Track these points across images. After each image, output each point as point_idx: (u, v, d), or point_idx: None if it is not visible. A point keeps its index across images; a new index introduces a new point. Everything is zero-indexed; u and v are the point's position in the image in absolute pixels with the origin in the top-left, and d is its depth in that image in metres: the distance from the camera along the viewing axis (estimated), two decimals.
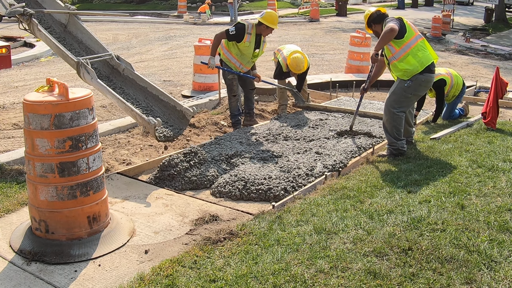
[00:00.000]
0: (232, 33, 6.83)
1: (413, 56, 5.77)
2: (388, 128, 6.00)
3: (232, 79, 7.28)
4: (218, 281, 3.29)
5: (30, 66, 12.83)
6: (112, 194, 4.81)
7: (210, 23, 24.66)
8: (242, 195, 4.92)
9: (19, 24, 5.89)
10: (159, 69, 12.52)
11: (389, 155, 5.98)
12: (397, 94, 5.95)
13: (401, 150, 5.96)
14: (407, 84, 5.85)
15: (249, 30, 6.90)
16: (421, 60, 5.80)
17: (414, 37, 5.81)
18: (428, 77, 5.90)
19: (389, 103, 5.97)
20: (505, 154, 5.76)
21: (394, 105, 5.92)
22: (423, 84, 5.90)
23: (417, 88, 5.91)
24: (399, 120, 5.95)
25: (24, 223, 4.14)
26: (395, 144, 5.94)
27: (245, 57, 7.15)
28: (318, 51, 16.30)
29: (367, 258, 3.54)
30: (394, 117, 5.93)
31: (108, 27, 21.77)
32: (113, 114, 8.27)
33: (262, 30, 6.95)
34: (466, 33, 21.49)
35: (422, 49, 5.85)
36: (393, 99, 5.96)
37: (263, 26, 6.90)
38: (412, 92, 5.92)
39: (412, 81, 5.83)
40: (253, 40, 6.98)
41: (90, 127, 3.73)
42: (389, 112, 5.95)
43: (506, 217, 4.09)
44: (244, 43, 6.96)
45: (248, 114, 7.68)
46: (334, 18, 30.06)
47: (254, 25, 6.95)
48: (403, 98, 5.94)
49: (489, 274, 3.32)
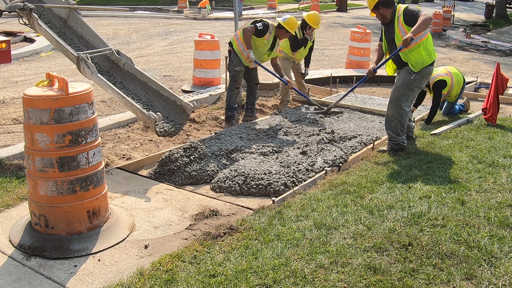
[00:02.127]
0: (260, 28, 7.03)
1: (424, 48, 5.79)
2: (392, 124, 5.94)
3: (239, 71, 7.28)
4: (218, 276, 3.29)
5: (30, 61, 12.81)
6: (112, 189, 4.81)
7: (210, 18, 24.63)
8: (242, 190, 4.92)
9: (19, 18, 5.87)
10: (159, 64, 12.50)
11: (390, 150, 5.95)
12: (404, 88, 5.91)
13: (401, 145, 5.92)
14: (414, 77, 5.85)
15: (270, 30, 7.12)
16: (430, 53, 5.85)
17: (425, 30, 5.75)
18: (430, 69, 5.96)
19: (398, 98, 5.90)
20: (505, 150, 5.76)
21: (402, 99, 5.88)
22: (426, 76, 5.94)
23: (421, 80, 5.94)
24: (406, 116, 5.94)
25: (23, 218, 4.14)
26: (396, 139, 5.91)
27: (257, 53, 7.23)
28: (318, 46, 16.25)
29: (367, 253, 3.53)
30: (401, 112, 5.90)
31: (108, 22, 21.74)
32: (113, 109, 8.25)
33: (280, 33, 7.18)
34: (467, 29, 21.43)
35: (430, 43, 5.90)
36: (402, 92, 5.90)
37: (283, 30, 7.12)
38: (417, 85, 5.93)
39: (418, 74, 5.84)
40: (270, 40, 7.19)
41: (90, 121, 3.72)
42: (397, 107, 5.90)
43: (507, 213, 4.09)
44: (263, 40, 7.11)
45: (249, 109, 7.66)
46: (334, 13, 29.98)
47: (274, 27, 7.15)
48: (410, 91, 5.92)
49: (490, 270, 3.31)
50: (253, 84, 7.57)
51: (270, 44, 7.21)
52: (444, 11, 24.15)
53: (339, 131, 6.64)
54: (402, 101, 5.88)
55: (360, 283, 3.19)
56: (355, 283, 3.19)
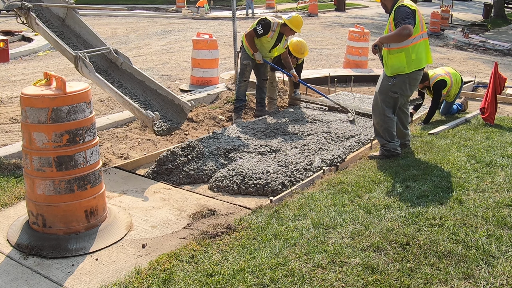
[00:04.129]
0: (260, 32, 7.28)
1: (406, 55, 5.34)
2: (379, 131, 5.66)
3: (247, 65, 7.59)
4: (216, 276, 3.29)
5: (28, 60, 12.79)
6: (109, 188, 4.81)
7: (208, 18, 24.61)
8: (240, 189, 4.92)
9: (17, 18, 5.86)
10: (157, 63, 12.49)
11: (381, 156, 5.66)
12: (383, 93, 5.56)
13: (393, 152, 5.62)
14: (392, 83, 5.47)
15: (273, 28, 7.31)
16: (411, 63, 5.36)
17: (416, 36, 5.32)
18: (413, 74, 5.46)
19: (379, 104, 5.57)
20: (503, 150, 5.76)
21: (384, 106, 5.54)
22: (408, 81, 5.46)
23: (403, 86, 5.49)
24: (391, 122, 5.58)
25: (21, 217, 4.13)
26: (387, 145, 5.62)
27: (263, 49, 7.50)
28: (316, 46, 16.27)
29: (365, 253, 3.54)
30: (385, 119, 5.57)
31: (106, 21, 21.71)
32: (111, 108, 8.25)
33: (285, 31, 7.39)
34: (465, 29, 21.46)
35: (418, 52, 5.39)
36: (382, 99, 5.56)
37: (287, 27, 7.32)
38: (398, 92, 5.50)
39: (395, 79, 5.44)
40: (275, 37, 7.38)
41: (87, 121, 3.72)
42: (379, 114, 5.59)
43: (504, 213, 4.09)
44: (267, 38, 7.35)
45: (259, 104, 7.88)
46: (332, 13, 30.01)
47: (279, 24, 7.34)
48: (390, 98, 5.54)
49: (487, 270, 3.32)
50: (261, 80, 7.84)
51: (274, 41, 7.40)
52: (442, 11, 24.16)
53: (337, 131, 6.64)
54: (384, 108, 5.54)
55: (357, 283, 3.19)
56: (352, 282, 3.20)
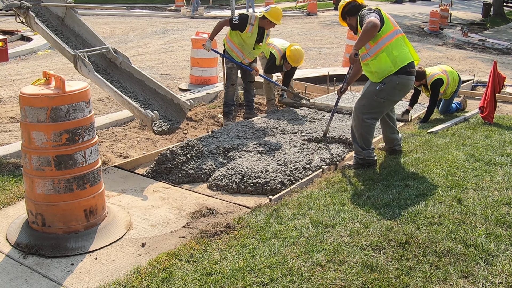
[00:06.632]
0: (235, 22, 6.98)
1: (387, 54, 5.00)
2: (355, 135, 5.34)
3: (231, 67, 7.38)
4: (215, 274, 3.29)
5: (27, 60, 12.79)
6: (109, 187, 4.81)
7: (207, 17, 24.59)
8: (239, 188, 4.92)
9: (16, 17, 5.86)
10: (156, 62, 12.49)
11: (356, 165, 5.35)
12: (367, 98, 5.21)
13: (368, 160, 5.29)
14: (379, 88, 5.10)
15: (251, 21, 7.01)
16: (396, 59, 5.01)
17: (391, 32, 5.03)
18: (404, 79, 5.10)
19: (358, 108, 5.24)
20: (502, 148, 5.76)
21: (363, 111, 5.20)
22: (397, 87, 5.11)
23: (391, 92, 5.13)
24: (368, 129, 5.25)
25: (20, 217, 4.13)
26: (361, 153, 5.30)
27: (246, 47, 7.21)
28: (315, 45, 16.28)
29: (364, 251, 3.54)
30: (363, 124, 5.22)
31: (105, 21, 21.70)
32: (110, 107, 8.25)
33: (265, 24, 7.09)
34: (464, 28, 21.46)
35: (399, 47, 5.07)
36: (363, 103, 5.22)
37: (266, 20, 7.04)
38: (385, 97, 5.14)
39: (385, 84, 5.08)
40: (255, 32, 7.08)
41: (86, 120, 3.72)
42: (357, 118, 5.25)
43: (503, 211, 4.10)
44: (246, 33, 7.05)
45: (247, 106, 7.70)
46: (331, 11, 29.97)
47: (257, 17, 7.07)
48: (375, 103, 5.18)
49: (486, 268, 3.32)
50: (248, 82, 7.63)
51: (256, 36, 7.12)
52: (441, 10, 24.16)
53: (336, 130, 6.64)
54: (364, 113, 5.19)
55: (356, 281, 3.19)
56: (351, 281, 3.20)
